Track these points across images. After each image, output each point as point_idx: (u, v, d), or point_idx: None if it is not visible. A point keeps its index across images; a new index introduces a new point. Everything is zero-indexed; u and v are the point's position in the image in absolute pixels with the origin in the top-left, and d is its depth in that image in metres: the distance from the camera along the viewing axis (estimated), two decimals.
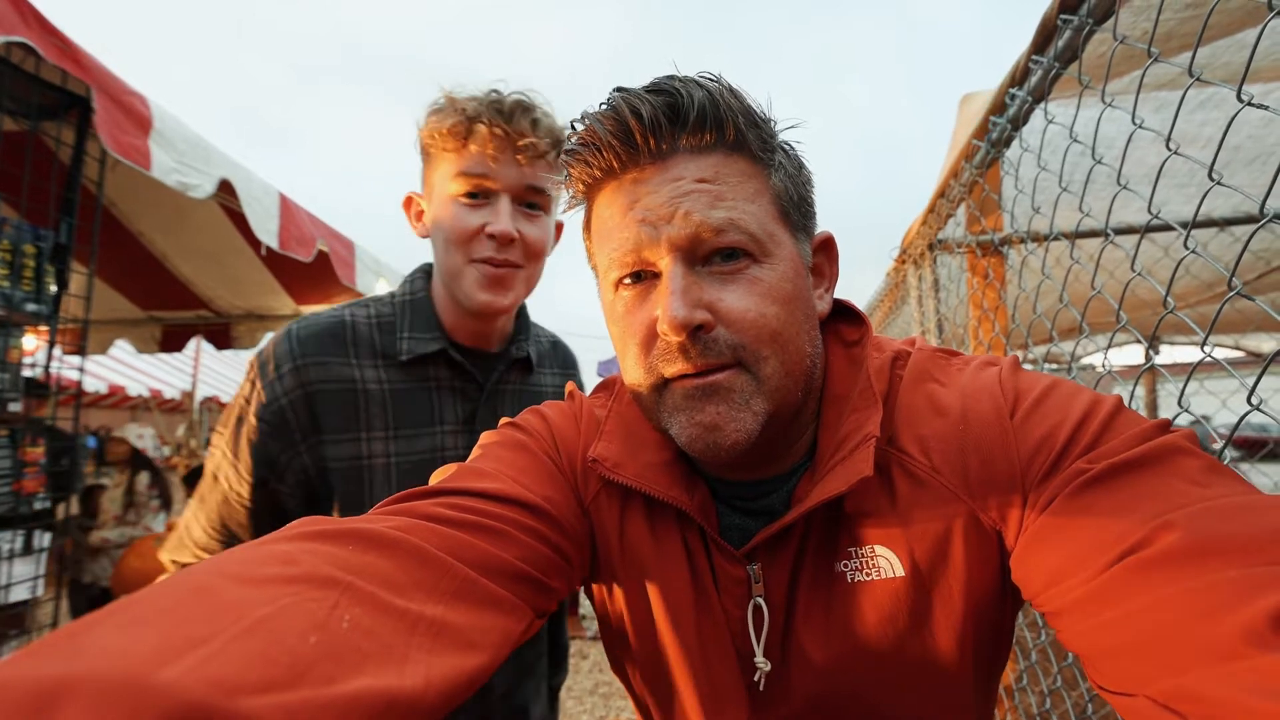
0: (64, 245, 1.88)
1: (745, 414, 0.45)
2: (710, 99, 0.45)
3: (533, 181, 0.80)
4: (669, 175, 0.45)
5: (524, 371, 0.95)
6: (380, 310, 0.87)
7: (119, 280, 3.52)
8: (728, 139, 0.46)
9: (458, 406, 0.87)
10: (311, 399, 0.79)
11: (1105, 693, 0.36)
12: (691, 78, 0.46)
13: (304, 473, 0.80)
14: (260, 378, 0.80)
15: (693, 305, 0.44)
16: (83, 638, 0.24)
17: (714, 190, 0.45)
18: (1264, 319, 3.29)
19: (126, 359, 6.85)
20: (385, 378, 0.83)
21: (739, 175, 0.46)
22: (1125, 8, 0.71)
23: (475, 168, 0.78)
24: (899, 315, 2.52)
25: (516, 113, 0.78)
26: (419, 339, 0.84)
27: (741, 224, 0.45)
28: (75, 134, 1.89)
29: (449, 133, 0.77)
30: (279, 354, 0.80)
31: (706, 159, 0.46)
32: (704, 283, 0.45)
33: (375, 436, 0.81)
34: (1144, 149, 0.78)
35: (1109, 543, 0.35)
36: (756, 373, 0.45)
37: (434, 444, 0.84)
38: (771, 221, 0.47)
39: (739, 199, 0.45)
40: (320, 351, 0.81)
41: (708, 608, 0.51)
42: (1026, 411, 0.45)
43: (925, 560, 0.46)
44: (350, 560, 0.34)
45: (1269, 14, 0.55)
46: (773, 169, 0.48)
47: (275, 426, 0.79)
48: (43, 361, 1.97)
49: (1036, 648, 1.37)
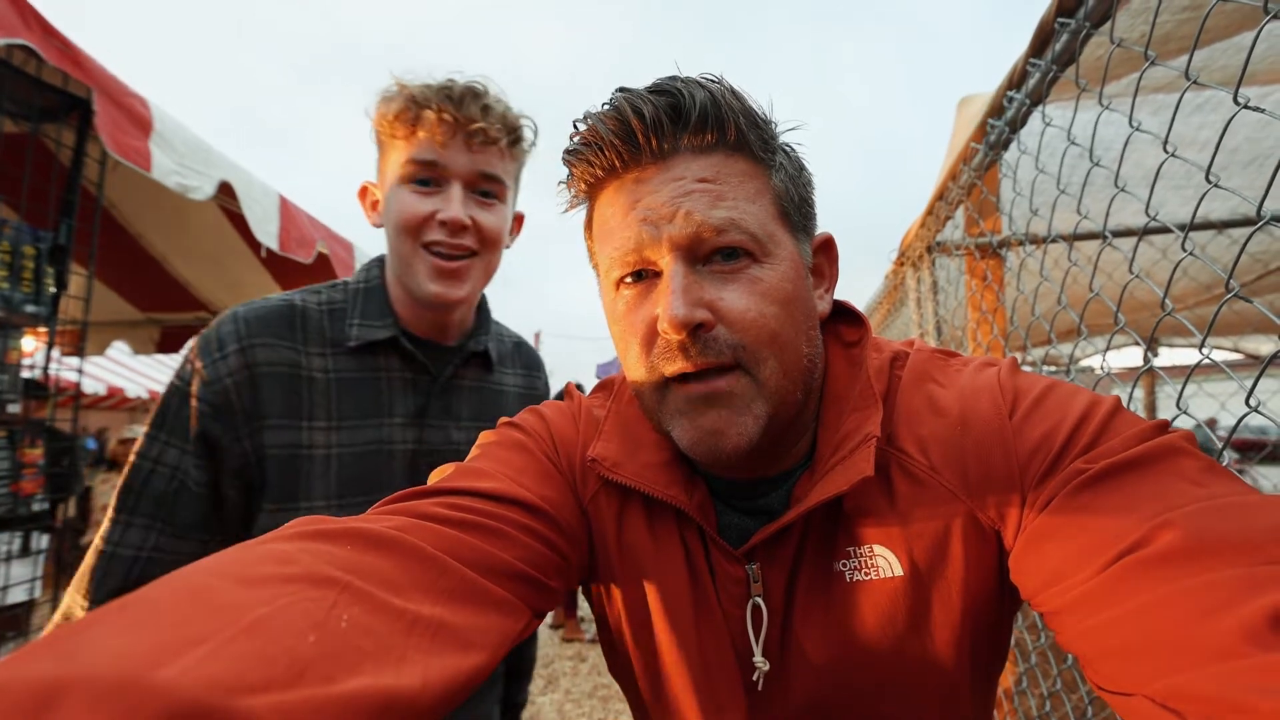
0: (63, 247, 1.88)
1: (746, 418, 0.45)
2: (712, 99, 0.45)
3: (485, 168, 0.78)
4: (670, 175, 0.45)
5: (483, 368, 0.93)
6: (332, 297, 0.84)
7: (118, 282, 3.52)
8: (729, 139, 0.46)
9: (409, 398, 0.84)
10: (256, 381, 0.76)
11: (1104, 692, 0.35)
12: (693, 78, 0.46)
13: (244, 459, 0.76)
14: (202, 357, 0.76)
15: (693, 304, 0.44)
16: (80, 638, 0.24)
17: (715, 190, 0.45)
18: (1262, 321, 3.29)
19: (125, 360, 6.84)
20: (332, 366, 0.80)
21: (740, 175, 0.46)
22: (1123, 10, 0.71)
23: (424, 154, 0.76)
24: (897, 317, 2.52)
25: (466, 98, 0.76)
26: (369, 325, 0.81)
27: (742, 224, 0.45)
28: (76, 136, 1.89)
29: (397, 118, 0.76)
30: (224, 334, 0.77)
31: (708, 159, 0.46)
32: (705, 282, 0.45)
33: (317, 426, 0.78)
34: (1142, 151, 0.78)
35: (1107, 542, 0.36)
36: (756, 375, 0.45)
37: (380, 435, 0.81)
38: (772, 222, 0.47)
39: (740, 199, 0.45)
40: (266, 333, 0.78)
41: (706, 607, 0.51)
42: (1025, 412, 0.45)
43: (924, 560, 0.46)
44: (348, 560, 0.34)
45: (1265, 17, 0.55)
46: (773, 169, 0.48)
47: (217, 408, 0.75)
48: (41, 363, 1.97)
49: (1036, 650, 1.37)
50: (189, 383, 0.76)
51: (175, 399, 0.77)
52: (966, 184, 1.38)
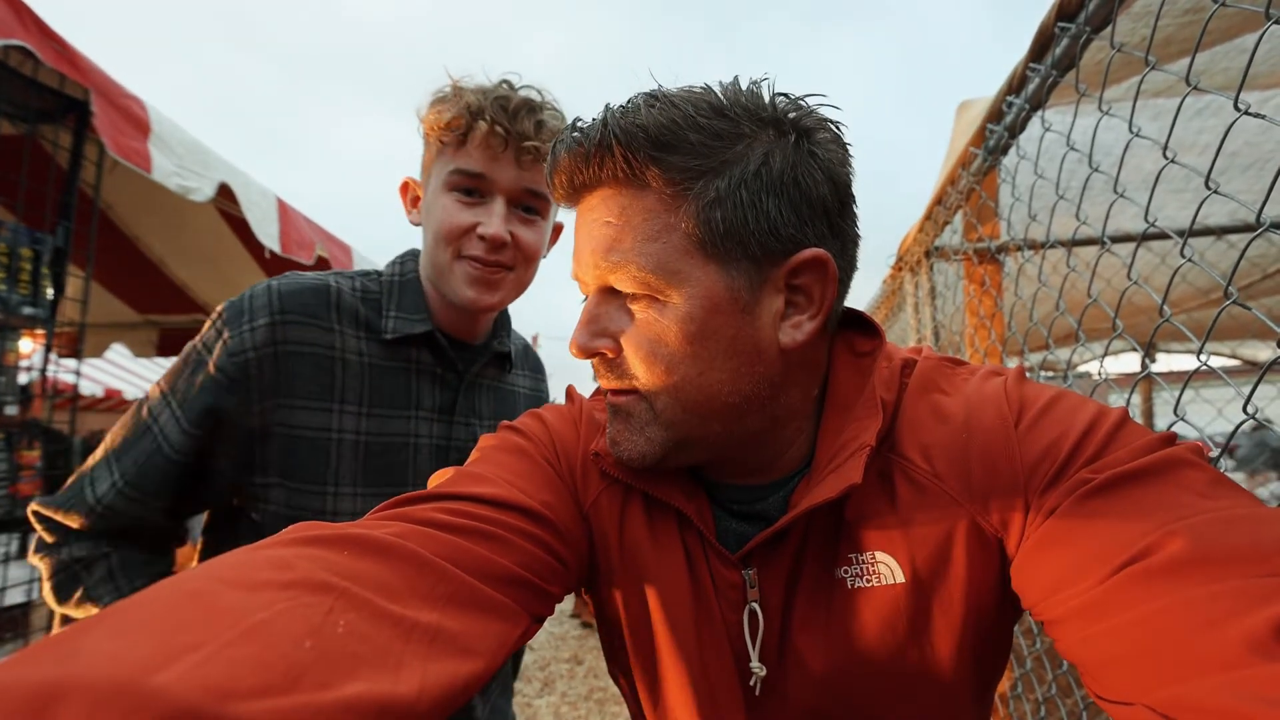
0: (61, 249, 1.88)
1: (639, 438, 0.49)
2: (609, 134, 0.44)
3: (531, 185, 0.77)
4: (591, 211, 0.48)
5: (500, 368, 0.94)
6: (366, 284, 0.83)
7: (116, 284, 3.51)
8: (636, 174, 0.44)
9: (436, 393, 0.84)
10: (281, 359, 0.74)
11: (1103, 701, 0.35)
12: (607, 111, 0.45)
13: (249, 433, 0.74)
14: (230, 325, 0.74)
15: (593, 335, 0.48)
16: (76, 643, 0.24)
17: (612, 233, 0.46)
18: (1260, 327, 3.29)
19: (123, 363, 6.82)
20: (366, 350, 0.79)
21: (644, 213, 0.45)
22: (1123, 14, 0.71)
23: (472, 165, 0.75)
24: (895, 322, 2.52)
25: (522, 112, 0.74)
26: (406, 318, 0.81)
27: (633, 268, 0.45)
28: (73, 137, 1.89)
29: (449, 126, 0.74)
30: (256, 304, 0.75)
31: (620, 195, 0.46)
32: (615, 313, 0.48)
33: (348, 410, 0.77)
34: (1141, 156, 0.78)
35: (1111, 552, 0.35)
36: (651, 404, 0.48)
37: (407, 428, 0.81)
38: (679, 257, 0.44)
39: (639, 239, 0.45)
40: (301, 311, 0.76)
41: (706, 611, 0.51)
42: (1031, 421, 0.44)
43: (926, 566, 0.45)
44: (345, 565, 0.34)
45: (1266, 22, 0.55)
46: (691, 197, 0.43)
47: (234, 380, 0.73)
48: (39, 365, 1.96)
49: (1031, 655, 1.36)
50: (211, 350, 0.74)
51: (191, 363, 0.75)
52: (965, 189, 1.38)
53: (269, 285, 0.77)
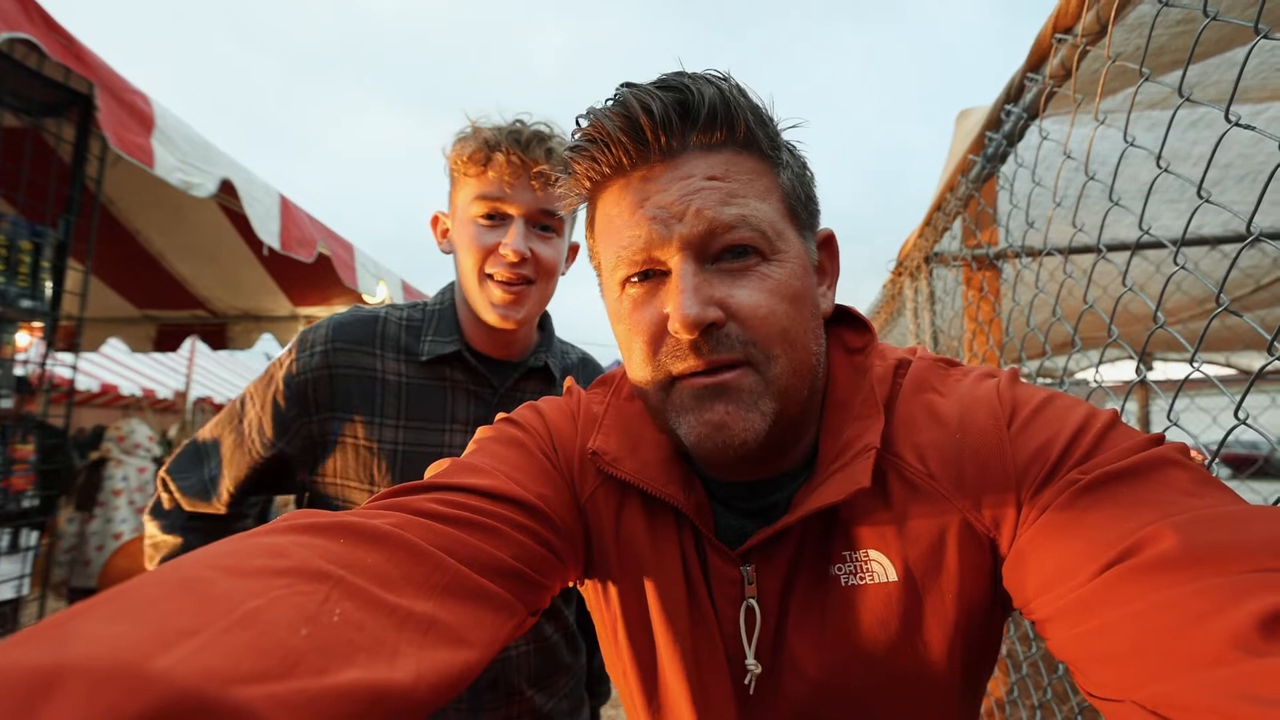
0: (62, 243, 1.88)
1: (754, 414, 0.45)
2: (721, 96, 0.45)
3: (545, 205, 0.87)
4: (679, 173, 0.45)
5: (545, 382, 0.99)
6: (412, 315, 0.97)
7: (114, 278, 3.50)
8: (738, 137, 0.46)
9: (471, 407, 0.93)
10: (333, 379, 0.89)
11: (1093, 698, 0.36)
12: (701, 75, 0.46)
13: (310, 439, 0.90)
14: (299, 350, 0.91)
15: (705, 303, 0.44)
16: (70, 627, 0.24)
17: (725, 188, 0.45)
18: (1253, 336, 3.32)
19: (120, 357, 6.80)
20: (404, 371, 0.91)
21: (749, 173, 0.46)
22: (1118, 26, 0.72)
23: (493, 192, 0.85)
24: (895, 327, 2.54)
25: (533, 142, 0.85)
26: (439, 341, 0.93)
27: (753, 221, 0.45)
28: (77, 131, 1.89)
29: (470, 159, 0.85)
30: (317, 336, 0.91)
31: (716, 156, 0.46)
32: (714, 280, 0.46)
33: (387, 423, 0.89)
34: (1136, 166, 0.79)
35: (1099, 550, 0.36)
36: (765, 372, 0.46)
37: (443, 440, 0.91)
38: (780, 219, 0.47)
39: (750, 196, 0.46)
40: (349, 340, 0.90)
41: (700, 609, 0.51)
42: (1023, 422, 0.45)
43: (918, 565, 0.46)
44: (341, 554, 0.34)
45: (1256, 36, 0.56)
46: (780, 166, 0.48)
47: (295, 395, 0.89)
48: (35, 358, 1.96)
49: (1028, 661, 1.37)
50: (284, 367, 0.90)
51: (269, 375, 0.92)
52: (964, 196, 1.39)
53: (331, 318, 0.93)
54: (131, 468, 3.73)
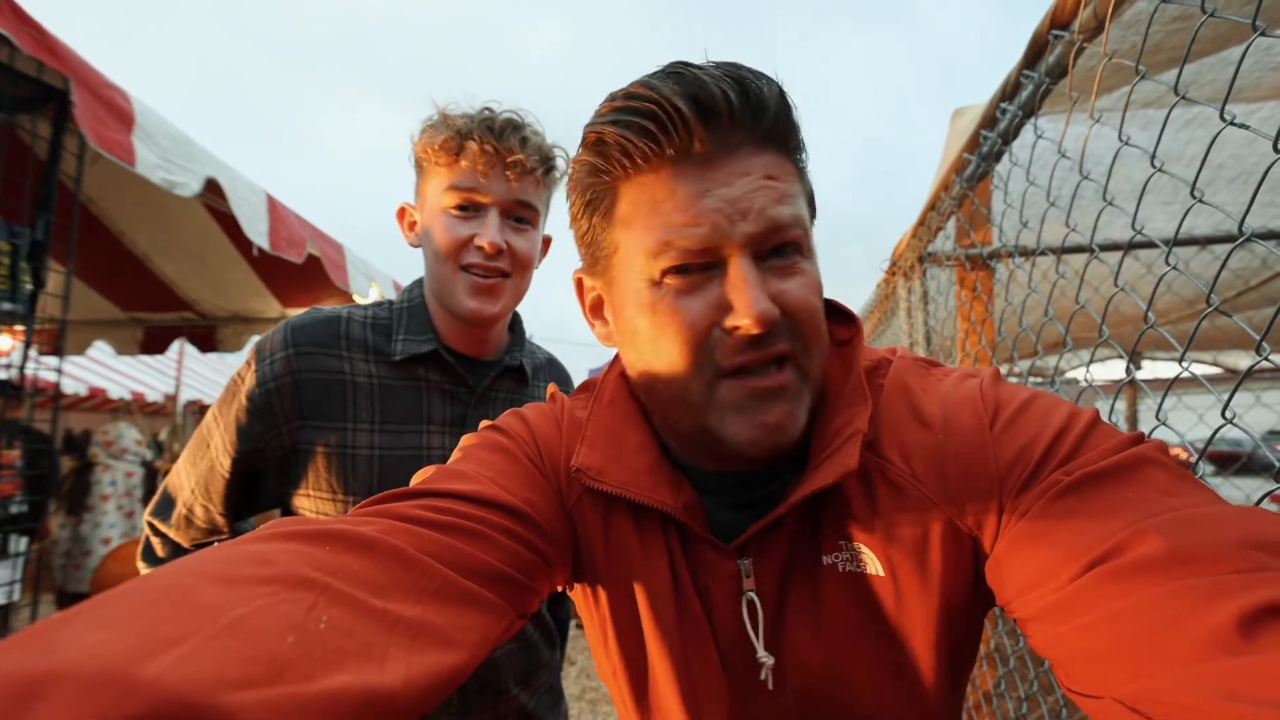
0: (40, 243, 1.84)
1: (800, 410, 0.47)
2: (777, 96, 0.45)
3: (520, 196, 0.84)
4: (739, 167, 0.44)
5: (518, 382, 0.97)
6: (377, 314, 0.91)
7: (98, 280, 3.45)
8: (783, 137, 0.46)
9: (447, 408, 0.89)
10: (300, 386, 0.83)
11: (1074, 694, 0.36)
12: (753, 70, 0.45)
13: (281, 451, 0.84)
14: (256, 361, 0.85)
15: (771, 298, 0.44)
16: (56, 635, 0.23)
17: (780, 188, 0.45)
18: (1241, 336, 3.35)
19: (108, 361, 6.72)
20: (375, 373, 0.87)
21: (789, 175, 0.47)
22: (1114, 23, 0.72)
23: (466, 182, 0.82)
24: (888, 326, 2.53)
25: (507, 131, 0.81)
26: (412, 339, 0.88)
27: (802, 221, 0.46)
28: (52, 128, 1.85)
29: (441, 148, 0.81)
30: (275, 342, 0.85)
31: (768, 155, 0.45)
32: (768, 277, 0.46)
33: (361, 428, 0.85)
34: (1131, 166, 0.79)
35: (1080, 552, 0.36)
36: (804, 367, 0.47)
37: (420, 441, 0.87)
38: (808, 220, 0.49)
39: (794, 196, 0.46)
40: (311, 342, 0.85)
41: (687, 608, 0.51)
42: (1006, 422, 0.45)
43: (903, 565, 0.47)
44: (327, 561, 0.34)
45: (1253, 34, 0.55)
46: (805, 172, 0.50)
47: (260, 409, 0.83)
48: (17, 362, 1.92)
49: (1015, 655, 1.38)
50: (244, 382, 0.85)
51: (230, 392, 0.86)
52: (958, 195, 1.39)
53: (287, 323, 0.87)
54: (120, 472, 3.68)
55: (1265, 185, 0.56)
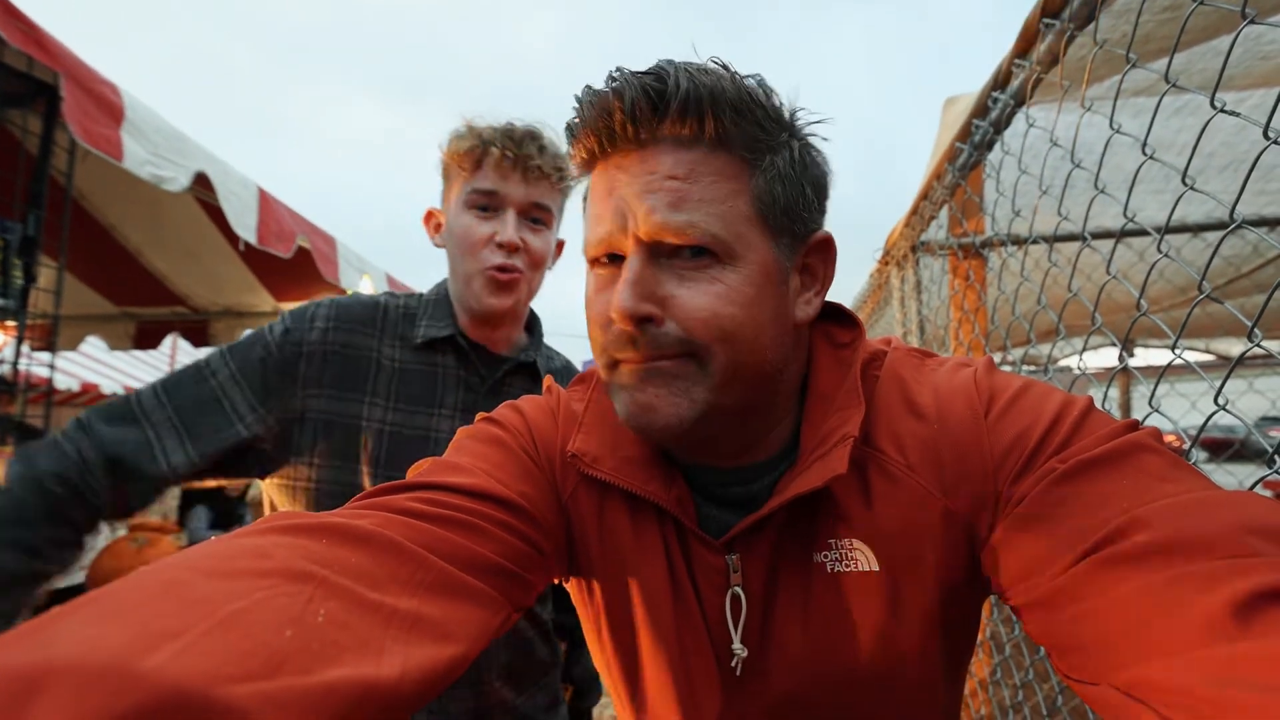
0: (32, 238, 1.82)
1: (682, 400, 0.46)
2: (696, 89, 0.43)
3: (537, 199, 0.91)
4: (646, 166, 0.45)
5: (532, 379, 1.01)
6: (409, 303, 0.99)
7: (90, 275, 3.42)
8: (711, 133, 0.44)
9: (459, 394, 0.94)
10: (327, 357, 0.88)
11: (1072, 681, 0.36)
12: (688, 65, 0.44)
13: (288, 414, 0.87)
14: (295, 321, 0.89)
15: (641, 297, 0.44)
16: (51, 630, 0.23)
17: (682, 189, 0.44)
18: (1233, 323, 3.37)
19: (100, 356, 6.67)
20: (399, 356, 0.93)
21: (715, 174, 0.45)
22: (1105, 12, 0.72)
23: (486, 184, 0.89)
24: (882, 316, 2.54)
25: (525, 139, 0.89)
26: (433, 325, 0.95)
27: (703, 226, 0.44)
28: (42, 123, 1.83)
29: (466, 154, 0.89)
30: (320, 311, 0.91)
31: (686, 154, 0.44)
32: (662, 276, 0.45)
33: (377, 403, 0.90)
34: (1122, 155, 0.79)
35: (1075, 540, 0.37)
36: (704, 364, 0.46)
37: (429, 424, 0.92)
38: (743, 223, 0.46)
39: (708, 199, 0.44)
40: (353, 319, 0.91)
41: (683, 600, 0.52)
42: (1000, 411, 0.46)
43: (899, 556, 0.47)
44: (324, 554, 0.34)
45: (1243, 21, 0.56)
46: (759, 169, 0.46)
47: (284, 362, 0.86)
48: (10, 357, 1.90)
49: (1010, 642, 1.39)
50: (275, 333, 0.88)
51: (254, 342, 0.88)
52: (951, 184, 1.39)
53: (334, 299, 0.94)
54: None
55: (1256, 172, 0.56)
